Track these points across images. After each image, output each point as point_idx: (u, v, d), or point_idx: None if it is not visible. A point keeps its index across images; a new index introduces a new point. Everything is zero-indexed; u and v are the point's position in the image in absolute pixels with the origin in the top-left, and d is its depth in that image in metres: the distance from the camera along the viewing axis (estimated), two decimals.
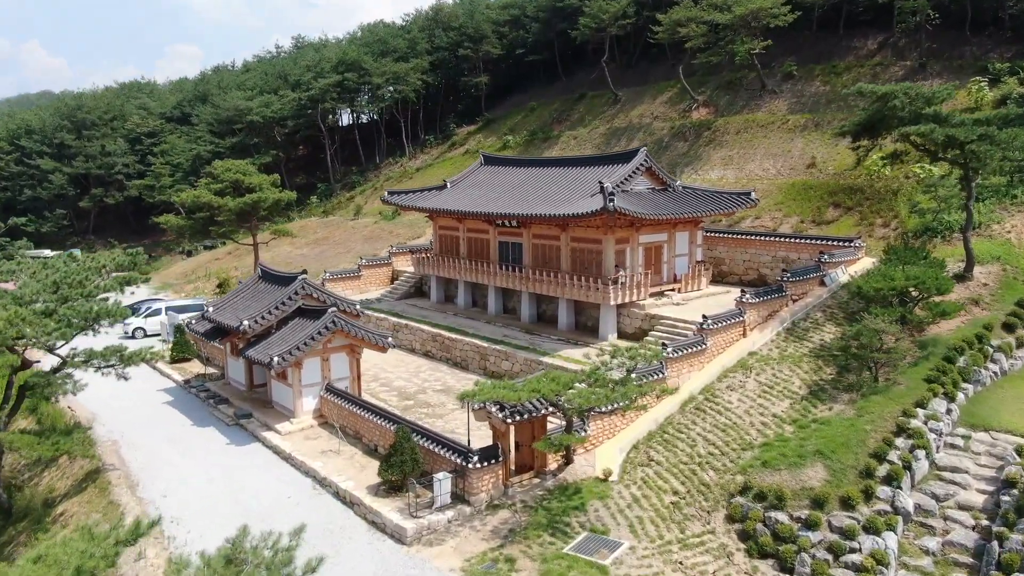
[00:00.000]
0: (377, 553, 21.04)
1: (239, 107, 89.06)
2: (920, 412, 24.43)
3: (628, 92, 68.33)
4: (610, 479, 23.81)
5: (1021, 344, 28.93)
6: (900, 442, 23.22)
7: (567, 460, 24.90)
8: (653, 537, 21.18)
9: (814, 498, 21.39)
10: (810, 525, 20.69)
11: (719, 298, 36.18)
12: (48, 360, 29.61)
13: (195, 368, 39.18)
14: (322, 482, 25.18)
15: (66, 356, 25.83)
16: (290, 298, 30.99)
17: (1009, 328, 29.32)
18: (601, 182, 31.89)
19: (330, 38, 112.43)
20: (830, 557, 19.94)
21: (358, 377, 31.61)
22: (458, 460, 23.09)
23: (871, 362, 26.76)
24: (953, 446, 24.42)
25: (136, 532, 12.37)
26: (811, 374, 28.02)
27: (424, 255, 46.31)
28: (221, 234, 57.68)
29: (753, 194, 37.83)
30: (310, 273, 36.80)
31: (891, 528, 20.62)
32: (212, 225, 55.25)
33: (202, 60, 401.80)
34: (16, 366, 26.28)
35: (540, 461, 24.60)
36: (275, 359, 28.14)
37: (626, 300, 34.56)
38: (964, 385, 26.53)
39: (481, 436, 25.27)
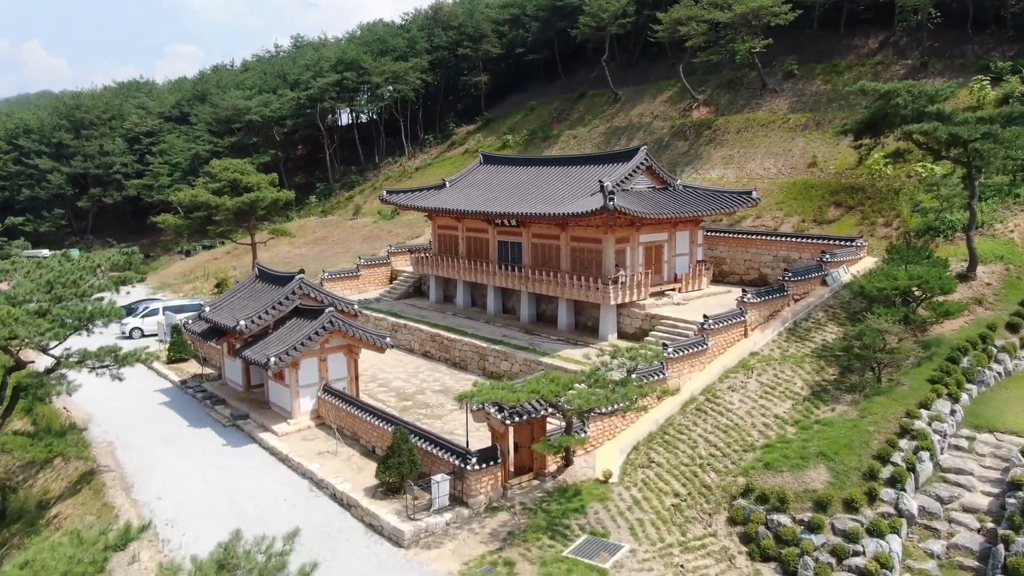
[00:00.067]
0: (374, 556, 20.79)
1: (238, 106, 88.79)
2: (924, 413, 24.17)
3: (628, 91, 68.06)
4: (610, 481, 23.55)
5: None
6: (904, 443, 22.97)
7: (567, 462, 24.64)
8: (654, 540, 20.92)
9: (817, 500, 21.16)
10: (813, 528, 20.45)
11: (720, 298, 35.93)
12: (43, 360, 29.32)
13: (192, 368, 38.91)
14: (319, 484, 24.93)
15: (60, 356, 25.54)
16: (287, 298, 30.75)
17: (1013, 328, 29.08)
18: (601, 181, 31.64)
19: (329, 37, 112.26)
20: (833, 560, 19.71)
21: (356, 378, 31.36)
22: (456, 462, 22.84)
23: (874, 362, 26.50)
24: (957, 447, 24.16)
25: (126, 537, 12.09)
26: (813, 375, 27.76)
27: (423, 255, 46.05)
28: (219, 233, 57.42)
29: (754, 193, 37.60)
30: (309, 273, 36.59)
31: (895, 531, 20.38)
32: (210, 224, 55.01)
33: (202, 60, 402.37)
34: (10, 367, 26.04)
35: (539, 463, 24.34)
36: (272, 359, 27.88)
37: (626, 300, 34.31)
38: (968, 386, 26.28)
39: (480, 437, 25.00)
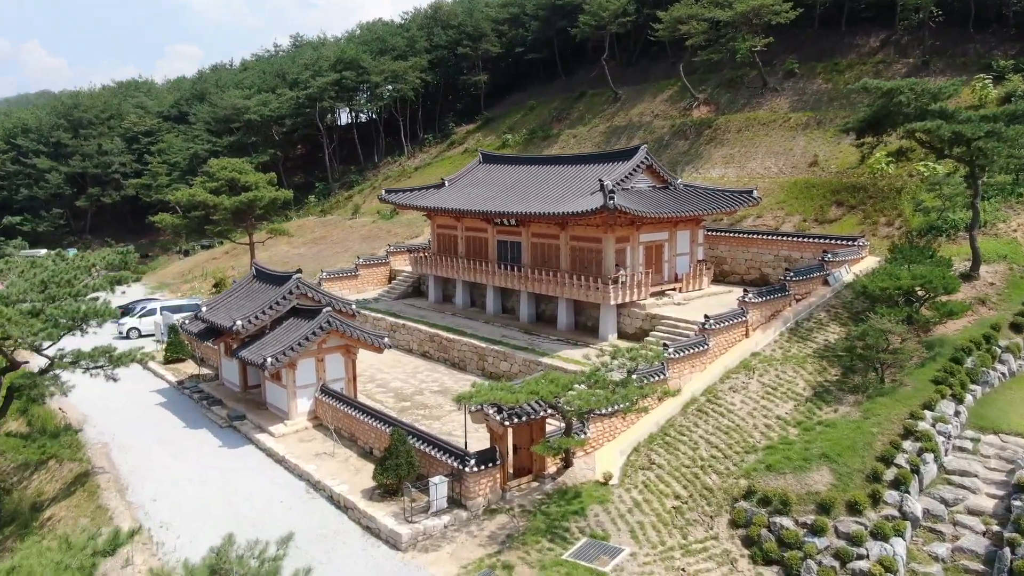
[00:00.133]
0: (371, 559, 20.51)
1: (237, 106, 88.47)
2: (928, 414, 23.88)
3: (628, 90, 67.79)
4: (610, 483, 23.27)
5: None
6: (908, 445, 22.68)
7: (566, 463, 24.36)
8: (655, 543, 20.64)
9: (820, 503, 20.88)
10: (816, 531, 20.17)
11: (721, 298, 35.66)
12: (37, 361, 29.03)
13: (189, 369, 38.63)
14: (316, 485, 24.64)
15: (53, 357, 25.25)
16: (284, 298, 30.46)
17: (1017, 328, 28.78)
18: (601, 180, 31.36)
19: (329, 37, 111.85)
20: (837, 564, 19.45)
21: (354, 378, 31.08)
22: (455, 463, 22.56)
23: (877, 363, 26.21)
24: (962, 449, 23.86)
25: (114, 542, 11.82)
26: (815, 375, 27.48)
27: (422, 254, 45.76)
28: (217, 233, 57.18)
29: (755, 192, 37.33)
30: (307, 272, 36.38)
31: (899, 534, 20.10)
32: (208, 224, 54.78)
33: (202, 60, 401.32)
34: (3, 367, 25.74)
35: (539, 464, 24.06)
36: (268, 360, 27.61)
37: (626, 300, 34.04)
38: (972, 386, 25.97)
39: (479, 439, 24.73)
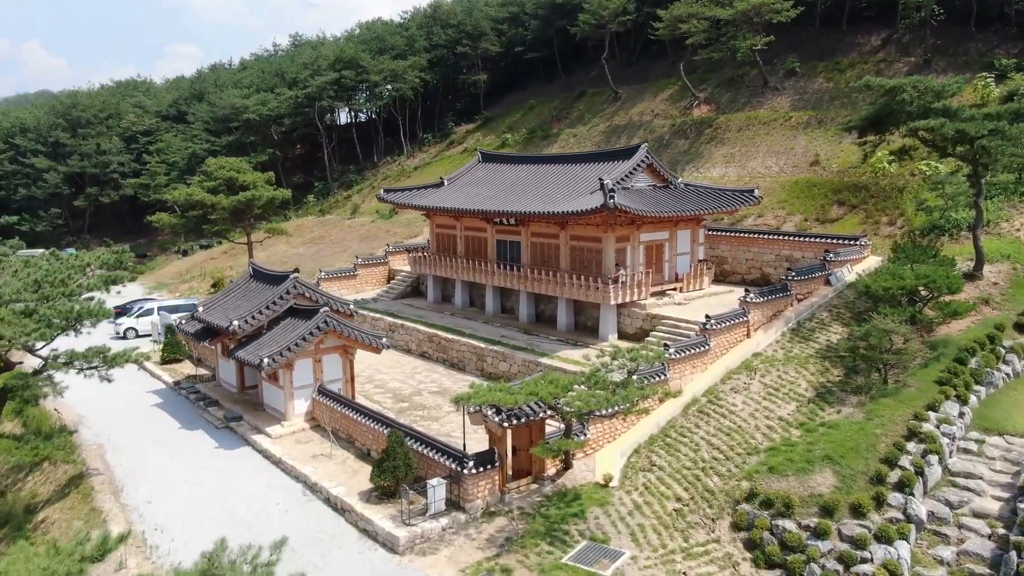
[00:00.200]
0: (368, 563, 20.23)
1: (235, 105, 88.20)
2: (932, 415, 23.62)
3: (628, 89, 67.50)
4: (611, 485, 22.99)
5: None
6: (912, 447, 22.41)
7: (566, 465, 24.08)
8: (656, 546, 20.36)
9: (823, 505, 20.61)
10: (819, 534, 19.90)
11: (722, 298, 35.39)
12: (31, 361, 28.74)
13: (186, 369, 38.37)
14: (312, 487, 24.37)
15: (47, 357, 24.95)
16: (281, 297, 30.18)
17: (1021, 328, 28.55)
18: (601, 179, 31.09)
19: (328, 36, 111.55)
20: (840, 568, 19.18)
21: (351, 379, 30.80)
22: (453, 465, 22.28)
23: (880, 363, 25.93)
24: (966, 451, 23.59)
25: (103, 548, 11.53)
26: (818, 376, 27.20)
27: (421, 254, 45.46)
28: (215, 232, 56.89)
29: (756, 192, 37.05)
30: (306, 272, 36.10)
31: (904, 537, 19.83)
32: (205, 223, 54.50)
33: (202, 60, 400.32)
34: None
35: (538, 466, 23.77)
36: (265, 360, 27.32)
37: (627, 300, 33.75)
38: (976, 387, 25.71)
39: (477, 440, 24.47)
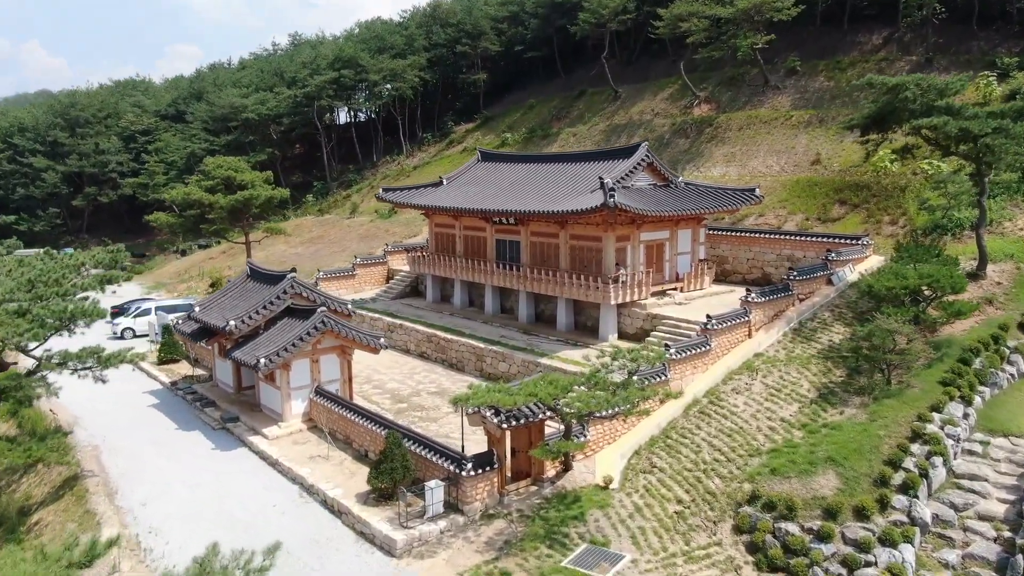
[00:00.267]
0: (365, 566, 19.97)
1: (234, 104, 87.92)
2: (936, 416, 23.33)
3: (628, 89, 67.22)
4: (611, 487, 22.73)
5: None
6: (916, 448, 22.14)
7: (566, 467, 23.81)
8: (656, 549, 20.09)
9: (826, 508, 20.33)
10: (822, 537, 19.62)
11: (723, 297, 35.13)
12: (25, 362, 28.46)
13: (183, 369, 38.08)
14: (309, 489, 24.10)
15: (41, 358, 24.68)
16: (278, 297, 29.91)
17: None
18: (601, 178, 30.83)
19: (327, 36, 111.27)
20: (844, 571, 18.89)
21: (349, 379, 30.54)
22: (451, 467, 22.01)
23: (883, 364, 25.65)
24: (971, 452, 23.32)
25: (92, 553, 11.26)
26: (820, 376, 26.93)
27: (420, 254, 45.18)
28: (213, 232, 56.59)
29: (757, 191, 36.80)
30: (305, 272, 35.83)
31: (908, 540, 19.56)
32: (203, 223, 54.22)
33: (202, 60, 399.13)
34: None
35: (537, 468, 23.50)
36: (262, 361, 27.06)
37: (627, 299, 33.49)
38: (981, 388, 25.42)
39: (476, 441, 24.20)
